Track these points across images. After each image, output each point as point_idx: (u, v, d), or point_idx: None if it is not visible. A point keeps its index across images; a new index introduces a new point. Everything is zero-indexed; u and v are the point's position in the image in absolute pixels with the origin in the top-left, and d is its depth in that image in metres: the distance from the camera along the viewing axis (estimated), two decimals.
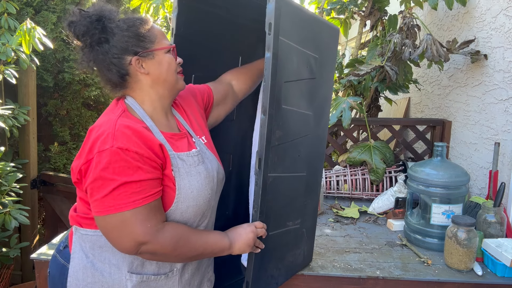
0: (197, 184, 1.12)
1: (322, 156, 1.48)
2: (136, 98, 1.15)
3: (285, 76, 1.18)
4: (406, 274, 1.50)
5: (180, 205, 1.09)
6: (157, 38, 1.15)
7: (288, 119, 1.22)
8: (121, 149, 0.99)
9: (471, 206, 1.90)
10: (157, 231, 1.03)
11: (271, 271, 1.32)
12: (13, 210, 2.30)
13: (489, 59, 2.10)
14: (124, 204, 0.99)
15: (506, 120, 1.95)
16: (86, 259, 1.10)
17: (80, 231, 1.12)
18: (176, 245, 1.05)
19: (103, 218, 1.01)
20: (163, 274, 1.12)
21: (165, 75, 1.15)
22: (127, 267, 1.08)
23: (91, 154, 1.01)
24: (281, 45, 1.13)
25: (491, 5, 2.09)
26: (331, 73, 1.43)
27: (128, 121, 1.05)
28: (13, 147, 2.91)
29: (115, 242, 1.03)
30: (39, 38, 2.32)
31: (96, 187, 1.00)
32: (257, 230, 1.18)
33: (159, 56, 1.14)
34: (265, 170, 1.15)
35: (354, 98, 2.31)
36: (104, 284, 1.08)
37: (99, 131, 1.03)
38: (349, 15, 2.79)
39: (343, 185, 2.37)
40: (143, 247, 1.02)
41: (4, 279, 2.61)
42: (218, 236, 1.16)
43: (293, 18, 1.18)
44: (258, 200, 1.16)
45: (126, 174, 1.00)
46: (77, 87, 3.18)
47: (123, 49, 1.09)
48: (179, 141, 1.17)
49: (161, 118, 1.17)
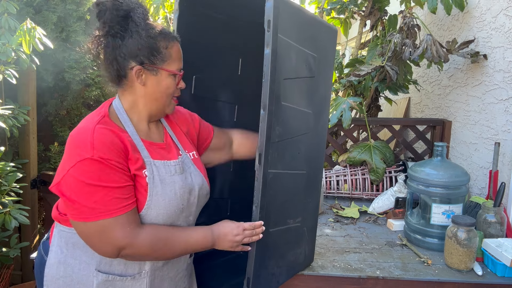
0: (169, 193, 1.13)
1: (322, 154, 1.49)
2: (125, 102, 1.17)
3: (284, 73, 1.19)
4: (406, 274, 1.50)
5: (150, 211, 1.11)
6: (171, 59, 1.16)
7: (288, 116, 1.24)
8: (101, 158, 1.02)
9: (471, 206, 1.90)
10: (136, 235, 1.06)
11: (272, 269, 1.32)
12: (13, 210, 2.30)
13: (489, 59, 2.09)
14: (106, 211, 1.02)
15: (506, 120, 1.95)
16: (60, 253, 1.15)
17: (59, 227, 1.17)
18: (155, 247, 1.09)
19: (84, 224, 1.04)
20: (130, 275, 1.14)
21: (159, 95, 1.17)
22: (95, 264, 1.11)
23: (72, 162, 1.03)
24: (280, 42, 1.15)
25: (491, 5, 2.09)
26: (329, 72, 1.45)
27: (106, 128, 1.07)
28: (13, 147, 2.91)
29: (95, 247, 1.07)
30: (39, 38, 2.32)
31: (77, 195, 1.02)
32: (244, 233, 1.18)
33: (162, 76, 1.15)
34: (265, 165, 1.16)
35: (354, 99, 2.31)
36: (74, 279, 1.12)
37: (77, 138, 1.05)
38: (349, 15, 2.79)
39: (343, 185, 2.37)
40: (122, 252, 1.06)
41: (4, 279, 2.61)
42: (201, 234, 1.17)
43: (291, 16, 1.19)
44: (258, 195, 1.16)
45: (108, 181, 1.02)
46: (77, 87, 3.18)
47: (132, 54, 1.11)
48: (158, 150, 1.19)
49: (143, 127, 1.19)
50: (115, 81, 1.15)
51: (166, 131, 1.27)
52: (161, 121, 1.28)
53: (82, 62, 3.12)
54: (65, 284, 1.13)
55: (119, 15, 1.08)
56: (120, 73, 1.13)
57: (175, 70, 1.17)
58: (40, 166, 3.10)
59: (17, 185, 2.47)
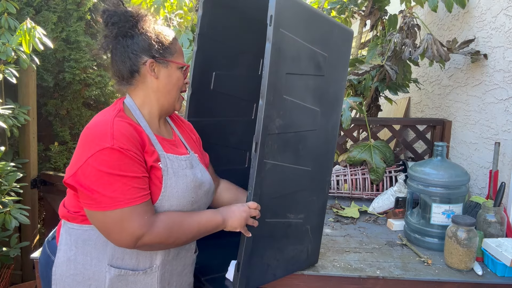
0: (182, 185, 1.17)
1: (330, 154, 1.49)
2: (136, 99, 1.21)
3: (287, 68, 1.22)
4: (406, 274, 1.50)
5: (164, 202, 1.13)
6: (177, 53, 1.23)
7: (291, 110, 1.26)
8: (121, 148, 1.04)
9: (471, 205, 1.90)
10: (152, 223, 1.08)
11: (267, 259, 1.34)
12: (13, 210, 2.30)
13: (489, 59, 2.09)
14: (126, 199, 1.04)
15: (506, 120, 1.95)
16: (70, 251, 1.15)
17: (68, 225, 1.17)
18: (171, 231, 1.11)
19: (103, 214, 1.05)
20: (142, 270, 1.16)
21: (171, 87, 1.22)
22: (107, 260, 1.13)
23: (91, 151, 1.04)
24: (283, 37, 1.18)
25: (491, 5, 2.09)
26: (343, 73, 1.46)
27: (124, 121, 1.10)
28: (13, 147, 2.91)
29: (113, 237, 1.07)
30: (39, 38, 2.32)
31: (96, 184, 1.03)
32: (250, 210, 1.23)
33: (172, 69, 1.21)
34: (260, 154, 1.19)
35: (353, 99, 2.31)
36: (85, 275, 1.13)
37: (96, 130, 1.07)
38: (349, 14, 2.79)
39: (343, 185, 2.37)
40: (140, 241, 1.06)
41: (4, 278, 2.61)
42: (211, 214, 1.22)
43: (298, 14, 1.23)
44: (252, 182, 1.21)
45: (127, 171, 1.04)
46: (77, 87, 3.18)
47: (143, 49, 1.16)
48: (169, 146, 1.23)
49: (155, 123, 1.23)
50: (127, 79, 1.19)
51: (173, 130, 1.33)
52: (168, 121, 1.33)
53: (82, 62, 3.12)
54: (76, 281, 1.14)
55: (127, 15, 1.15)
56: (133, 69, 1.17)
57: (183, 63, 1.24)
58: (40, 166, 3.10)
59: (17, 185, 2.47)
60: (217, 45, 1.57)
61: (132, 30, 1.15)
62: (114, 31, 1.15)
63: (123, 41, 1.16)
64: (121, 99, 1.22)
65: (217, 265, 1.50)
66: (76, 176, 1.05)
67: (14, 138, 2.86)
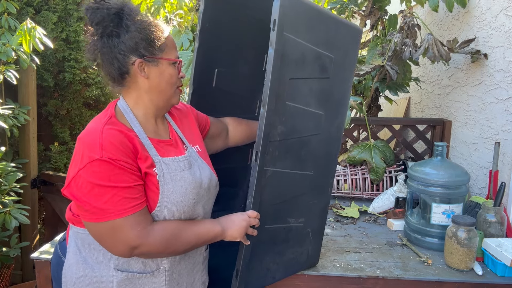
0: (181, 189, 1.14)
1: (334, 157, 1.46)
2: (129, 101, 1.17)
3: (291, 73, 1.18)
4: (406, 274, 1.50)
5: (163, 208, 1.11)
6: (167, 48, 1.16)
7: (293, 116, 1.23)
8: (110, 159, 1.02)
9: (471, 205, 1.90)
10: (147, 233, 1.06)
11: (267, 264, 1.33)
12: (13, 210, 2.30)
13: (489, 59, 2.09)
14: (116, 211, 1.03)
15: (506, 120, 1.95)
16: (79, 254, 1.16)
17: (74, 228, 1.18)
18: (167, 243, 1.09)
19: (95, 225, 1.06)
20: (149, 272, 1.15)
21: (164, 85, 1.17)
22: (113, 264, 1.12)
23: (82, 163, 1.03)
24: (287, 41, 1.14)
25: (491, 5, 2.09)
26: (349, 74, 1.41)
27: (114, 129, 1.08)
28: (13, 147, 2.91)
29: (108, 247, 1.08)
30: (39, 37, 2.32)
31: (87, 196, 1.03)
32: (250, 220, 1.21)
33: (163, 66, 1.16)
34: (261, 162, 1.16)
35: (354, 98, 2.31)
36: (93, 278, 1.13)
37: (86, 140, 1.06)
38: (349, 14, 2.79)
39: (343, 185, 2.36)
40: (135, 251, 1.06)
41: (4, 278, 2.61)
42: (209, 224, 1.20)
43: (302, 15, 1.18)
44: (252, 190, 1.19)
45: (117, 181, 1.03)
46: (77, 87, 3.18)
47: (130, 48, 1.11)
48: (166, 147, 1.19)
49: (150, 125, 1.19)
50: (118, 80, 1.15)
51: (171, 127, 1.28)
52: (166, 118, 1.29)
53: (82, 62, 3.12)
54: (85, 283, 1.13)
55: (110, 13, 1.09)
56: (122, 70, 1.12)
57: (174, 58, 1.18)
58: (40, 166, 3.10)
59: (17, 185, 2.47)
60: (219, 41, 1.54)
61: (117, 29, 1.09)
62: (99, 31, 1.10)
63: (109, 41, 1.10)
64: (114, 102, 1.19)
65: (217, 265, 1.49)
66: (70, 187, 1.05)
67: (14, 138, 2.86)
